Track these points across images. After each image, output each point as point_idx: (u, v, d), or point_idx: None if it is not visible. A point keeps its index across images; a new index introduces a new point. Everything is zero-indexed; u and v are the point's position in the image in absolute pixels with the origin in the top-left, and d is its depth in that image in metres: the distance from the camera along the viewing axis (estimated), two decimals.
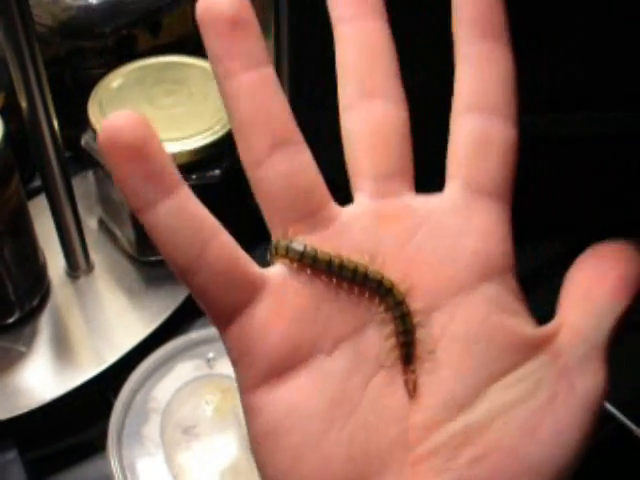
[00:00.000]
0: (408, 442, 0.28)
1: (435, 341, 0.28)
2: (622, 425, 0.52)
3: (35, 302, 0.57)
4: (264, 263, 0.62)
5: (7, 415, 0.52)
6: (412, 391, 0.28)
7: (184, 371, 0.51)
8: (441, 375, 0.28)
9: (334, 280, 0.28)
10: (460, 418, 0.27)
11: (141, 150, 0.26)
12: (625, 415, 0.52)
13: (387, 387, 0.28)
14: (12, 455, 0.51)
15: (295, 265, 0.28)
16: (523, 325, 0.28)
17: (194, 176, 0.54)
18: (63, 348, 0.55)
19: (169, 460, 0.47)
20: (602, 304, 0.28)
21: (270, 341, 0.28)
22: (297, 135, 0.29)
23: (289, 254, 0.28)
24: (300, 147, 0.29)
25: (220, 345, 0.52)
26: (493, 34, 0.29)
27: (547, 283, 0.60)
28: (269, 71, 0.29)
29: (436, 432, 0.27)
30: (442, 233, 0.29)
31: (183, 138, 0.54)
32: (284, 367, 0.28)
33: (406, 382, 0.28)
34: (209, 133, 0.54)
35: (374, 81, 0.30)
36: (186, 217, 0.28)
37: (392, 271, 0.28)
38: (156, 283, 0.58)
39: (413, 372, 0.28)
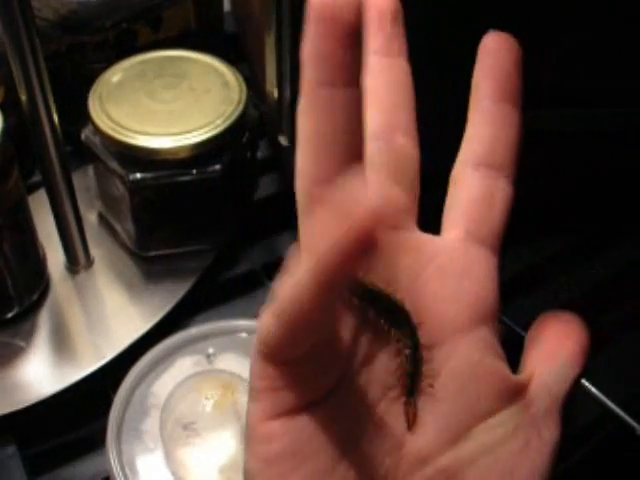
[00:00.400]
0: (401, 473, 0.28)
1: (435, 376, 0.29)
2: (624, 423, 0.52)
3: (35, 297, 0.56)
4: (262, 258, 0.62)
5: (6, 410, 0.52)
6: (412, 422, 0.29)
7: (184, 367, 0.51)
8: (438, 409, 0.29)
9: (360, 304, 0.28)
10: (449, 453, 0.29)
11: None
12: (627, 413, 0.52)
13: (386, 419, 0.29)
14: (11, 450, 0.51)
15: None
16: (507, 370, 0.31)
17: (194, 171, 0.54)
18: (62, 343, 0.55)
19: (168, 456, 0.47)
20: (564, 364, 0.31)
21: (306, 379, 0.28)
22: None
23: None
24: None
25: (219, 341, 0.52)
26: (512, 99, 0.31)
27: (547, 281, 0.61)
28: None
29: (427, 465, 0.28)
30: (448, 273, 0.30)
31: (183, 132, 0.53)
32: (308, 402, 0.28)
33: (406, 413, 0.29)
34: (210, 127, 0.54)
35: (400, 116, 0.32)
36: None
37: (406, 302, 0.29)
38: (156, 278, 0.58)
39: (415, 404, 0.29)
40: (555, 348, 0.31)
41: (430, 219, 0.32)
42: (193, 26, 0.68)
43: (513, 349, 0.33)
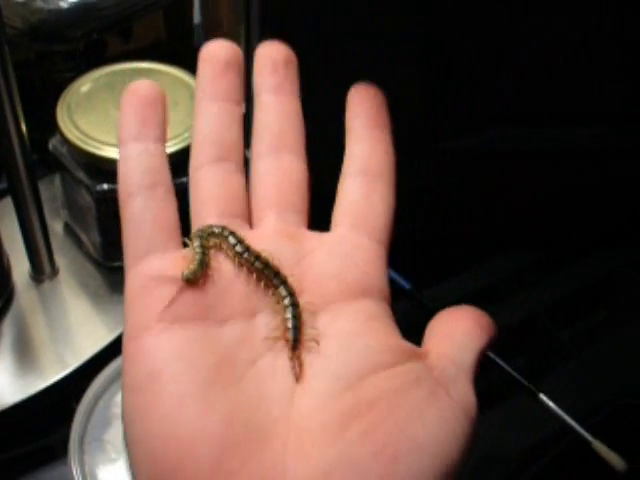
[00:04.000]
0: (293, 421, 0.29)
1: (319, 334, 0.31)
2: (580, 437, 0.53)
3: None
4: None
5: None
6: (298, 374, 0.30)
7: None
8: (325, 362, 0.30)
9: (240, 261, 0.32)
10: (347, 397, 0.29)
11: None
12: (583, 427, 0.53)
13: (271, 372, 0.30)
14: None
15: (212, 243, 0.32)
16: (397, 336, 0.33)
17: None
18: (26, 352, 0.55)
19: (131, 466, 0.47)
20: (462, 337, 0.33)
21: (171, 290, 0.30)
22: (239, 157, 0.35)
23: (217, 234, 0.32)
24: (237, 167, 0.35)
25: None
26: (380, 124, 0.37)
27: (504, 299, 0.62)
28: (238, 109, 0.36)
29: (324, 411, 0.29)
30: (332, 258, 0.34)
31: None
32: (180, 315, 0.30)
33: (292, 366, 0.30)
34: (177, 140, 0.54)
35: (285, 140, 0.36)
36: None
37: (287, 272, 0.32)
38: (121, 288, 0.57)
39: (299, 357, 0.30)
40: (451, 329, 0.33)
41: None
42: (163, 38, 0.68)
43: None
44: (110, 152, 0.53)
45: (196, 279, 0.30)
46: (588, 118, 0.55)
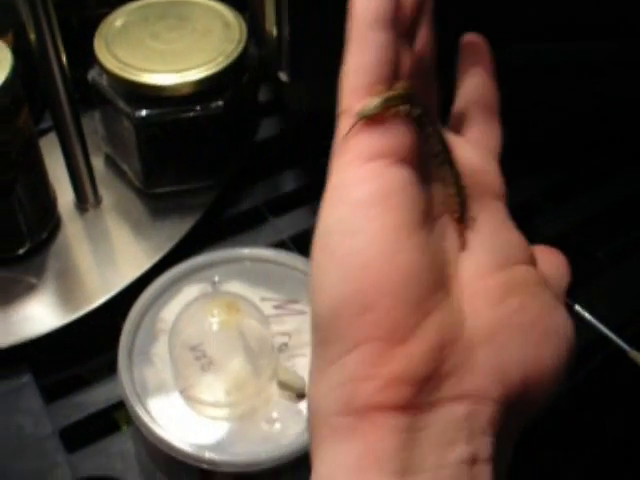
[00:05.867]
0: (462, 281, 0.32)
1: (474, 217, 0.34)
2: (617, 347, 0.54)
3: (45, 234, 0.58)
4: (265, 195, 0.63)
5: (19, 340, 0.53)
6: (464, 242, 0.34)
7: (190, 294, 0.52)
8: (482, 240, 0.34)
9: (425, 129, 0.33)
10: (501, 273, 0.33)
11: None
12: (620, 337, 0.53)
13: (444, 234, 0.33)
14: (26, 378, 0.53)
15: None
16: (526, 240, 0.36)
17: (198, 107, 0.56)
18: (72, 278, 0.57)
19: (178, 378, 0.49)
20: (560, 269, 0.38)
21: None
22: None
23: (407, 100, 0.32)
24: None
25: (225, 269, 0.54)
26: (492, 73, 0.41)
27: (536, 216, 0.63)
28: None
29: (486, 278, 0.33)
30: (475, 156, 0.37)
31: (186, 69, 0.55)
32: (399, 154, 0.32)
33: (460, 234, 0.34)
34: (212, 65, 0.55)
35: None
36: None
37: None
38: (162, 215, 0.60)
39: (464, 229, 0.34)
40: (550, 256, 0.38)
41: None
42: None
43: None
44: (147, 78, 0.55)
45: (372, 116, 0.31)
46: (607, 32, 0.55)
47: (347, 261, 0.30)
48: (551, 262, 0.37)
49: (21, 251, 0.58)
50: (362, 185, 0.30)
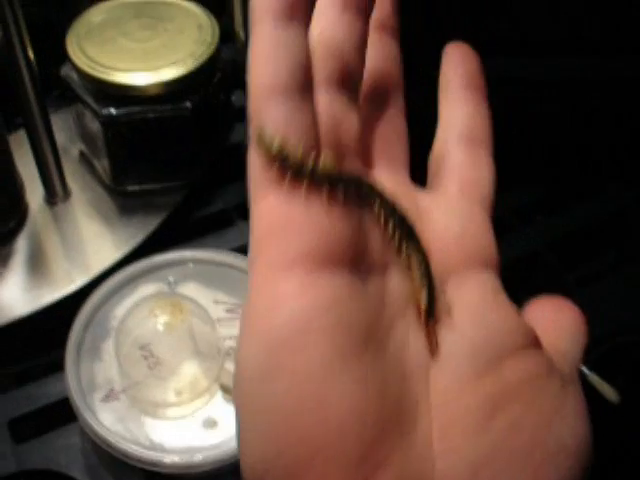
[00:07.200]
0: (433, 402, 0.26)
1: (450, 305, 0.27)
2: None
3: (12, 224, 0.59)
4: (235, 199, 0.63)
5: None
6: (434, 347, 0.26)
7: (146, 293, 0.53)
8: (459, 338, 0.27)
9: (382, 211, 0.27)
10: (488, 380, 0.26)
11: None
12: None
13: (405, 342, 0.26)
14: None
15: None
16: (522, 316, 0.29)
17: (166, 107, 0.56)
18: (38, 268, 0.58)
19: (123, 376, 0.49)
20: (572, 330, 0.30)
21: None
22: None
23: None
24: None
25: (181, 269, 0.54)
26: (478, 88, 0.34)
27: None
28: None
29: (467, 394, 0.26)
30: (450, 221, 0.30)
31: (155, 69, 0.55)
32: (331, 256, 0.25)
33: (428, 337, 0.26)
34: (181, 65, 0.56)
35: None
36: None
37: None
38: (130, 212, 0.60)
39: (434, 331, 0.26)
40: (558, 318, 0.31)
41: None
42: None
43: None
44: (116, 77, 0.55)
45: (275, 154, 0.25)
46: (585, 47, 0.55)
47: (267, 413, 0.23)
48: (561, 326, 0.31)
49: None
50: (276, 310, 0.24)
